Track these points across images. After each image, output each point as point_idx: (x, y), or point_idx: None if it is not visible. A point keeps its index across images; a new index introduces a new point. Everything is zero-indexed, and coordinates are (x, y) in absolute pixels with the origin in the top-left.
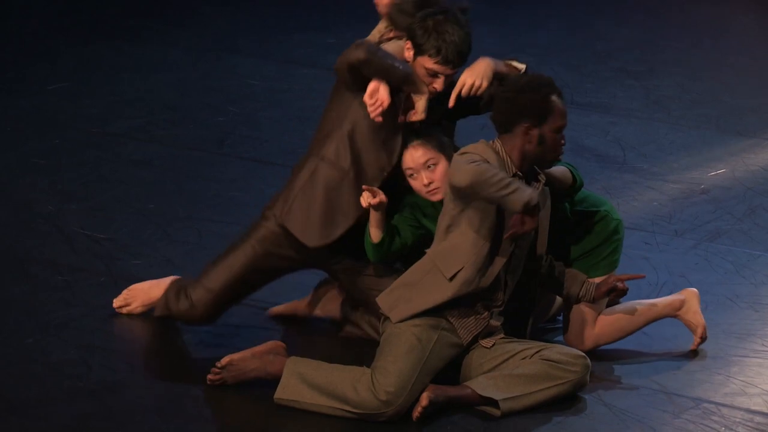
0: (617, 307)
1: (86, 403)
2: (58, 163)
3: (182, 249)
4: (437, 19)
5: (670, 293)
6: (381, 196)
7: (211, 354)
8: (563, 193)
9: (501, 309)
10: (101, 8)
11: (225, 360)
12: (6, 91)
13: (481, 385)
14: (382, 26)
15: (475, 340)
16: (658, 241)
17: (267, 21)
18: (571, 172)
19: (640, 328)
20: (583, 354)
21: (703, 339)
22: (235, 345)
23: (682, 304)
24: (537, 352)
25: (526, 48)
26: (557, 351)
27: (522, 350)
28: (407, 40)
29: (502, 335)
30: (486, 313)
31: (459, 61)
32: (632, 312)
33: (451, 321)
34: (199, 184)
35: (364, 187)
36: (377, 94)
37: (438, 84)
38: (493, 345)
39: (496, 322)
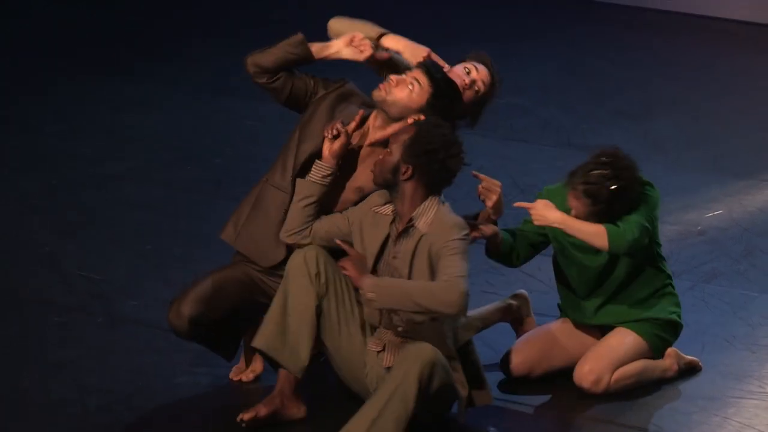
0: (632, 365)
1: None
2: (55, 203)
3: (179, 290)
4: None
5: None
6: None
7: (210, 394)
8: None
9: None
10: (99, 47)
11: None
12: (3, 130)
13: None
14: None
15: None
16: None
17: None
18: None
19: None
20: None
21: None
22: (234, 390)
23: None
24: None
25: (522, 89)
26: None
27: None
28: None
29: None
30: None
31: None
32: (640, 371)
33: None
34: (195, 225)
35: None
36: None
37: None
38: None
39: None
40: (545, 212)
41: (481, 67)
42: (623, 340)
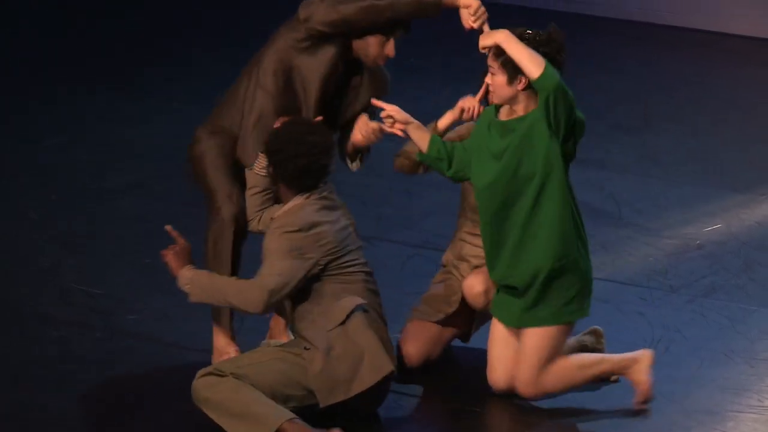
0: (571, 358)
1: None
2: (54, 217)
3: (178, 303)
4: None
5: (666, 349)
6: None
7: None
8: None
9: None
10: (99, 59)
11: None
12: (2, 144)
13: None
14: None
15: None
16: (653, 297)
17: None
18: None
19: (587, 382)
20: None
21: (646, 400)
22: None
23: (633, 363)
24: None
25: None
26: None
27: None
28: None
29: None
30: None
31: None
32: (583, 365)
33: None
34: (194, 239)
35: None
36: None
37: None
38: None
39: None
40: (491, 33)
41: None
42: (534, 342)
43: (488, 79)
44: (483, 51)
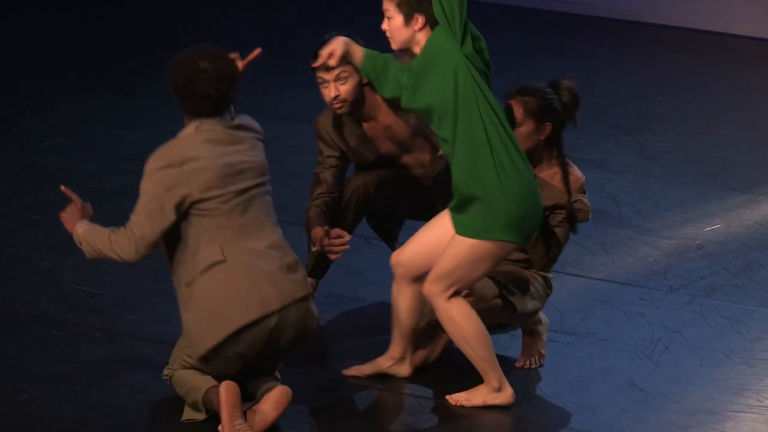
0: (478, 321)
1: None
2: (53, 218)
3: (177, 305)
4: None
5: (666, 349)
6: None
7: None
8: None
9: None
10: (97, 63)
11: None
12: (2, 145)
13: None
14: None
15: None
16: (653, 297)
17: (259, 76)
18: None
19: (464, 341)
20: None
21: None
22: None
23: (475, 391)
24: None
25: None
26: None
27: None
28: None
29: None
30: None
31: None
32: (478, 335)
33: None
34: None
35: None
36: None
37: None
38: None
39: None
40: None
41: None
42: (453, 247)
43: (384, 25)
44: None
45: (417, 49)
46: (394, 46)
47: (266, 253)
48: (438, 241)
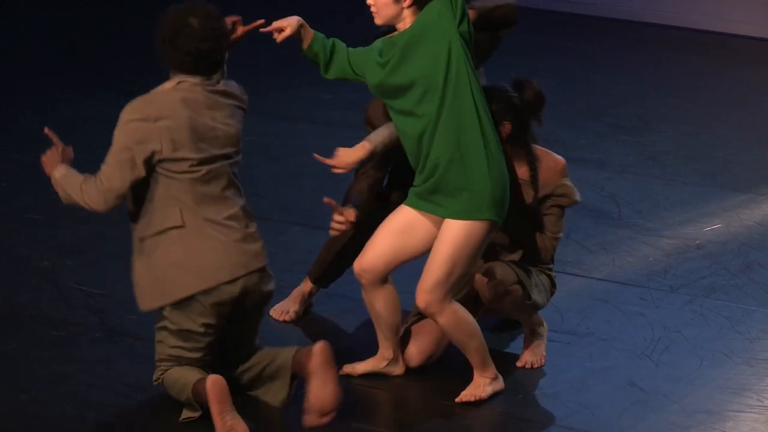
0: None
1: None
2: (53, 218)
3: None
4: None
5: (666, 349)
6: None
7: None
8: None
9: None
10: (97, 63)
11: None
12: (1, 146)
13: None
14: None
15: None
16: (653, 297)
17: (260, 77)
18: None
19: (459, 340)
20: None
21: None
22: (235, 404)
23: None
24: None
25: None
26: None
27: None
28: None
29: None
30: None
31: None
32: (470, 333)
33: None
34: None
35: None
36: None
37: None
38: None
39: None
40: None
41: None
42: (447, 236)
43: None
44: None
45: (401, 26)
46: (378, 21)
47: (224, 224)
48: (397, 238)
